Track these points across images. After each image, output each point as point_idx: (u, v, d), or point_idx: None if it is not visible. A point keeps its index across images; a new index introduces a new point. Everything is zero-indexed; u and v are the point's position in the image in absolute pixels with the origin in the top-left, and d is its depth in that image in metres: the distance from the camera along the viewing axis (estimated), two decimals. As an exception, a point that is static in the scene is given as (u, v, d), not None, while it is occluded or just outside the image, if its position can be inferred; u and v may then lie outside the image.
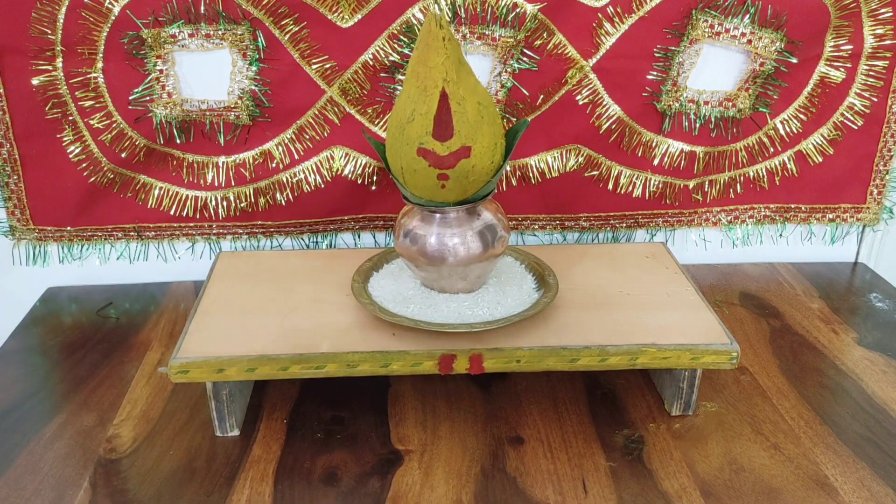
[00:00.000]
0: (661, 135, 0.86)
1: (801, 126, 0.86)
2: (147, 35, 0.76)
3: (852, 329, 0.81)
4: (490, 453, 0.63)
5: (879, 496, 0.58)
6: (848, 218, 0.92)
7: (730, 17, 0.80)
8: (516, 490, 0.59)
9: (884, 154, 0.88)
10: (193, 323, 0.67)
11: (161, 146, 0.82)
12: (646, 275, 0.76)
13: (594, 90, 0.82)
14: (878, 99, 0.85)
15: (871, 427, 0.66)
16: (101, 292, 0.88)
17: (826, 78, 0.84)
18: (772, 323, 0.82)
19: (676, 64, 0.82)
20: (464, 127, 0.58)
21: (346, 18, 0.78)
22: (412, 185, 0.62)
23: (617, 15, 0.79)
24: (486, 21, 0.78)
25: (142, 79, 0.78)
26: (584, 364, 0.63)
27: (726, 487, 0.59)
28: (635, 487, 0.59)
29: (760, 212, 0.91)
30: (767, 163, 0.88)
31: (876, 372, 0.73)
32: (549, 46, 0.80)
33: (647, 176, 0.88)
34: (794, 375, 0.73)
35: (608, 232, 0.91)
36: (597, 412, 0.68)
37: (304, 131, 0.83)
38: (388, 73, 0.80)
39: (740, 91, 0.84)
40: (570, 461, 0.62)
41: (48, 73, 0.76)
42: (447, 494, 0.58)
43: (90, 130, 0.80)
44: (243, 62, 0.79)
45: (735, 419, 0.67)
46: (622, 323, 0.67)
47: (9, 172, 0.81)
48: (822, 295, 0.88)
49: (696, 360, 0.63)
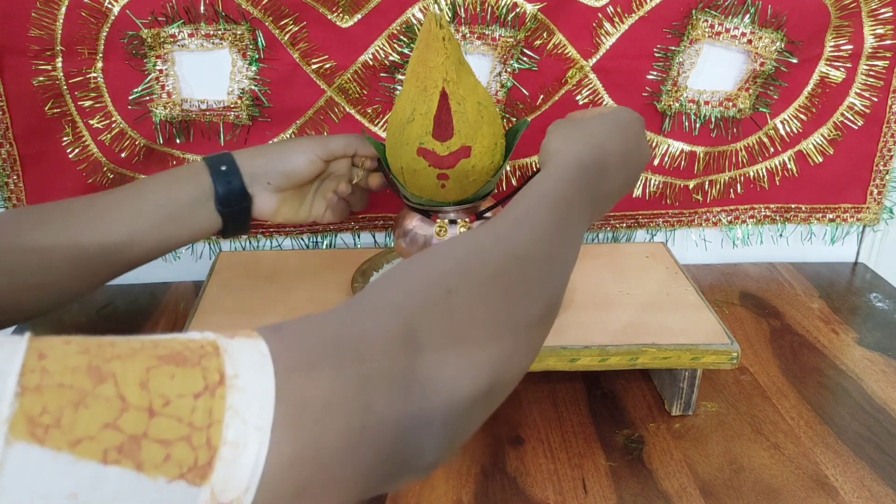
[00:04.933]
0: (662, 135, 0.86)
1: (801, 126, 0.86)
2: (147, 35, 0.76)
3: (852, 329, 0.81)
4: (490, 453, 0.63)
5: (879, 496, 0.58)
6: (848, 218, 0.92)
7: (730, 17, 0.80)
8: (516, 490, 0.59)
9: (884, 154, 0.88)
10: (193, 323, 0.67)
11: (161, 146, 0.82)
12: (646, 275, 0.76)
13: (594, 90, 0.82)
14: (878, 99, 0.85)
15: (871, 427, 0.66)
16: (101, 292, 0.88)
17: (826, 78, 0.84)
18: (772, 323, 0.82)
19: (676, 64, 0.82)
20: (464, 127, 0.58)
21: (346, 18, 0.78)
22: (412, 185, 0.62)
23: (617, 15, 0.79)
24: (486, 21, 0.78)
25: (142, 79, 0.78)
26: (584, 364, 0.63)
27: (726, 487, 0.59)
28: (635, 487, 0.59)
29: (760, 212, 0.91)
30: (767, 163, 0.88)
31: (876, 372, 0.73)
32: (549, 46, 0.80)
33: (647, 176, 0.88)
34: (794, 375, 0.73)
35: (608, 232, 0.91)
36: (597, 412, 0.68)
37: (304, 131, 0.83)
38: (388, 73, 0.80)
39: (740, 91, 0.84)
40: (570, 461, 0.62)
41: (48, 73, 0.76)
42: (447, 494, 0.58)
43: (90, 130, 0.80)
44: (243, 62, 0.79)
45: (735, 419, 0.67)
46: (622, 323, 0.67)
47: (8, 172, 0.80)
48: (823, 295, 0.88)
49: (696, 360, 0.63)
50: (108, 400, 0.24)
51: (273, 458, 0.27)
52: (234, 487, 0.26)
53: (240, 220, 0.65)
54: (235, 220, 0.64)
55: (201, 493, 0.25)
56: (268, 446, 0.27)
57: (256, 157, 0.65)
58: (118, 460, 0.24)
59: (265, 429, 0.27)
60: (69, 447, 0.23)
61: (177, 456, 0.25)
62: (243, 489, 0.26)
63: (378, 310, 0.35)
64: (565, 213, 0.46)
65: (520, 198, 0.46)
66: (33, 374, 0.23)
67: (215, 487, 0.25)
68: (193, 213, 0.62)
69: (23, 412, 0.23)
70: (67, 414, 0.23)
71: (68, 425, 0.23)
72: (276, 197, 0.65)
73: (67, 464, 0.23)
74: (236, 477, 0.26)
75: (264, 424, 0.27)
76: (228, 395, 0.26)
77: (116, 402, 0.24)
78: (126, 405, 0.25)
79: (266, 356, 0.29)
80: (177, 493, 0.25)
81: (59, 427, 0.23)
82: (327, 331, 0.33)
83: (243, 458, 0.26)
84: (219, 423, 0.26)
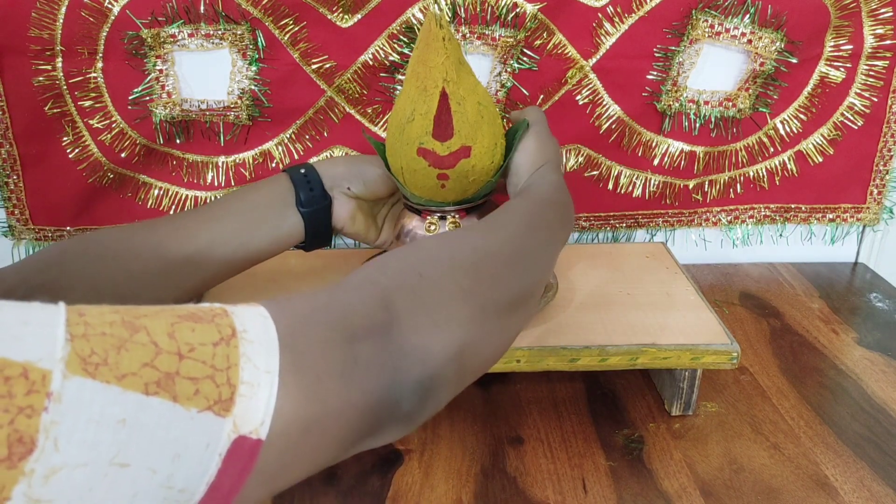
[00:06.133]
0: (661, 135, 0.86)
1: (801, 126, 0.86)
2: (147, 35, 0.76)
3: (852, 329, 0.81)
4: (490, 453, 0.63)
5: (879, 496, 0.58)
6: (848, 218, 0.92)
7: (730, 17, 0.80)
8: (516, 490, 0.59)
9: (884, 154, 0.88)
10: (193, 323, 0.67)
11: (161, 146, 0.82)
12: (646, 275, 0.76)
13: (594, 90, 0.82)
14: (878, 99, 0.85)
15: (871, 427, 0.66)
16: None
17: (826, 78, 0.84)
18: (772, 323, 0.82)
19: (676, 64, 0.82)
20: (464, 127, 0.58)
21: (346, 18, 0.78)
22: (412, 185, 0.62)
23: (617, 15, 0.79)
24: (486, 21, 0.78)
25: (141, 79, 0.78)
26: (584, 364, 0.63)
27: (726, 487, 0.59)
28: (635, 487, 0.59)
29: (760, 212, 0.91)
30: (767, 163, 0.88)
31: (876, 372, 0.73)
32: (549, 46, 0.80)
33: (647, 176, 0.88)
34: (794, 375, 0.73)
35: (608, 232, 0.91)
36: (597, 412, 0.68)
37: (304, 131, 0.83)
38: (388, 73, 0.80)
39: (740, 91, 0.84)
40: (570, 461, 0.62)
41: (48, 73, 0.76)
42: (447, 494, 0.59)
43: (90, 130, 0.80)
44: (243, 62, 0.79)
45: (735, 419, 0.67)
46: (622, 323, 0.67)
47: (8, 172, 0.80)
48: (823, 295, 0.88)
49: (696, 360, 0.63)
50: (144, 345, 0.28)
51: (282, 397, 0.31)
52: (251, 420, 0.30)
53: (321, 223, 0.65)
54: (316, 221, 0.64)
55: (226, 423, 0.29)
56: (277, 387, 0.31)
57: (336, 165, 0.66)
58: (157, 392, 0.28)
59: (274, 372, 0.31)
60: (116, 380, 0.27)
61: (204, 391, 0.29)
62: (259, 422, 0.30)
63: (360, 284, 0.40)
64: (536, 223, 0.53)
65: (499, 210, 0.53)
66: (78, 326, 0.27)
67: (237, 419, 0.29)
68: (273, 216, 0.62)
69: (75, 352, 0.26)
70: (112, 355, 0.27)
71: (114, 363, 0.27)
72: (353, 202, 0.66)
73: (116, 394, 0.27)
74: (253, 410, 0.30)
75: (272, 369, 0.31)
76: (241, 345, 0.31)
77: (151, 347, 0.28)
78: (159, 349, 0.29)
79: (267, 318, 0.33)
80: (206, 422, 0.29)
81: (107, 364, 0.27)
82: (318, 301, 0.37)
83: (258, 396, 0.30)
84: (235, 366, 0.30)
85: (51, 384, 0.25)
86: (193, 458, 0.28)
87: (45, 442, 0.25)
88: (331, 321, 0.36)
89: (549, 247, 0.54)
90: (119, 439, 0.26)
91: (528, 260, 0.49)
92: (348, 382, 0.35)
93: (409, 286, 0.41)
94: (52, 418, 0.25)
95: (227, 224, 0.60)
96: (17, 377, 0.25)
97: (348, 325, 0.36)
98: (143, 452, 0.27)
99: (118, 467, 0.26)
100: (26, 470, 0.24)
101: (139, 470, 0.27)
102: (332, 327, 0.36)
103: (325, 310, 0.37)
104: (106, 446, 0.26)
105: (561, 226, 0.56)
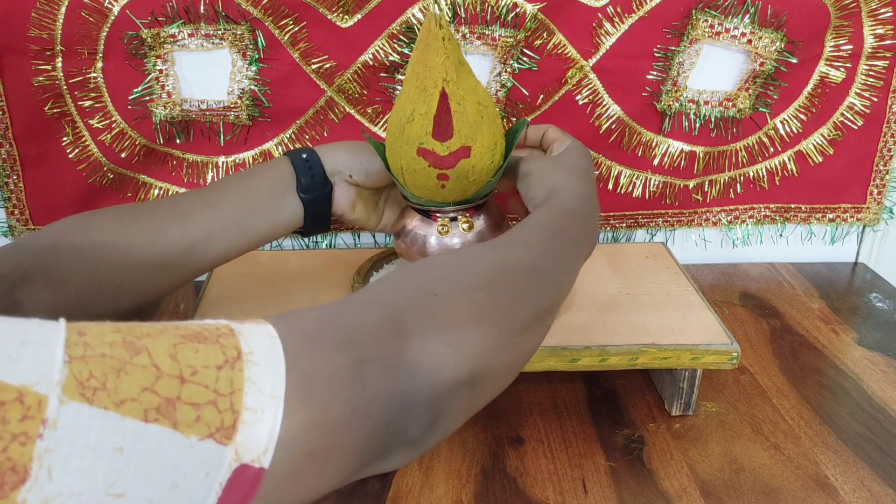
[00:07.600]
0: (661, 135, 0.86)
1: (801, 126, 0.86)
2: (147, 35, 0.76)
3: (852, 329, 0.81)
4: (490, 453, 0.63)
5: (879, 496, 0.58)
6: (848, 218, 0.92)
7: (730, 17, 0.80)
8: (516, 490, 0.59)
9: (884, 154, 0.88)
10: (193, 323, 0.67)
11: (161, 146, 0.82)
12: (646, 275, 0.76)
13: (594, 90, 0.82)
14: (878, 99, 0.85)
15: (871, 427, 0.66)
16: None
17: (826, 78, 0.84)
18: (772, 323, 0.82)
19: (676, 64, 0.82)
20: (464, 127, 0.58)
21: (346, 18, 0.78)
22: (412, 185, 0.62)
23: (617, 15, 0.79)
24: (486, 21, 0.78)
25: (141, 79, 0.78)
26: (585, 364, 0.63)
27: (726, 487, 0.59)
28: (635, 487, 0.59)
29: (760, 212, 0.91)
30: (767, 163, 0.88)
31: (876, 372, 0.73)
32: (549, 46, 0.80)
33: (647, 176, 0.88)
34: (794, 375, 0.73)
35: (608, 232, 0.91)
36: (597, 412, 0.68)
37: (304, 131, 0.83)
38: (388, 73, 0.80)
39: (740, 91, 0.84)
40: (570, 461, 0.62)
41: (48, 73, 0.76)
42: (447, 494, 0.59)
43: (90, 130, 0.80)
44: (243, 62, 0.79)
45: (735, 419, 0.67)
46: (622, 323, 0.67)
47: (8, 172, 0.80)
48: (822, 295, 0.88)
49: (696, 360, 0.63)
50: (145, 368, 0.27)
51: (286, 423, 0.30)
52: (254, 448, 0.29)
53: (321, 209, 0.64)
54: (316, 208, 0.63)
55: (227, 451, 0.28)
56: (282, 413, 0.30)
57: (339, 151, 0.65)
58: (157, 419, 0.27)
59: (279, 398, 0.30)
60: (115, 406, 0.26)
61: (206, 417, 0.28)
62: (262, 450, 0.29)
63: (371, 303, 0.39)
64: (558, 236, 0.51)
65: (519, 224, 0.51)
66: (77, 346, 0.26)
67: (239, 447, 0.28)
68: (273, 202, 0.61)
69: (72, 376, 0.25)
70: (111, 379, 0.26)
71: (113, 388, 0.26)
72: (354, 190, 0.65)
73: (114, 420, 0.26)
74: (256, 439, 0.29)
75: (278, 394, 0.30)
76: (246, 368, 0.30)
77: (152, 370, 0.28)
78: (160, 373, 0.28)
79: (275, 337, 0.32)
80: (207, 451, 0.28)
81: (105, 389, 0.26)
82: (327, 319, 0.36)
83: (262, 423, 0.29)
84: (239, 391, 0.29)
85: (46, 410, 0.24)
86: (192, 488, 0.27)
87: (39, 471, 0.24)
88: (339, 342, 0.35)
89: (571, 262, 0.52)
90: (116, 468, 0.25)
91: (548, 276, 0.48)
92: (355, 408, 0.34)
93: (423, 306, 0.39)
94: (47, 446, 0.24)
95: (227, 212, 0.59)
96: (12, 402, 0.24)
97: (357, 347, 0.35)
98: (140, 482, 0.26)
99: (114, 497, 0.25)
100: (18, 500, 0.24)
101: (135, 500, 0.26)
102: (340, 349, 0.34)
103: (335, 329, 0.36)
104: (102, 475, 0.25)
105: (585, 239, 0.54)
